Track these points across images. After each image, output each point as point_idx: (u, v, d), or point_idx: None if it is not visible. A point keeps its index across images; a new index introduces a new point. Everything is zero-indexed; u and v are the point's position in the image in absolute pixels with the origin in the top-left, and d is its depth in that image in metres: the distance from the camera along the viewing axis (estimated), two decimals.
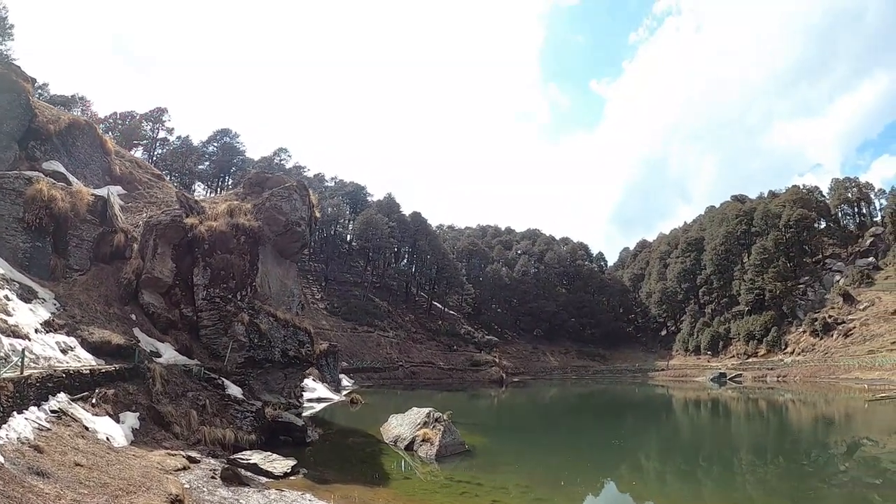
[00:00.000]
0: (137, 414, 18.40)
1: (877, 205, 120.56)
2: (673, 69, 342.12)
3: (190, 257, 27.92)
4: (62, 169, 27.58)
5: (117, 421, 17.27)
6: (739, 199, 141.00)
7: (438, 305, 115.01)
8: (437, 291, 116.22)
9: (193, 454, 17.14)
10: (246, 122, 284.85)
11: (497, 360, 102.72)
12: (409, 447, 24.89)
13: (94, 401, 17.08)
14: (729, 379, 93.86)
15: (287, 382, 31.47)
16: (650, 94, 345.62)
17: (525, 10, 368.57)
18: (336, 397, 47.77)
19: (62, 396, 15.69)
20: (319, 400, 42.80)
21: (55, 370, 16.09)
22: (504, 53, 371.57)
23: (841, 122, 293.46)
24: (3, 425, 12.05)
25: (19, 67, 30.11)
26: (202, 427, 19.78)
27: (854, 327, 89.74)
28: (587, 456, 27.99)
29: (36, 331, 18.45)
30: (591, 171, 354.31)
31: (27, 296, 20.27)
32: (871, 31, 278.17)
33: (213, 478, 15.25)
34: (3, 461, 10.37)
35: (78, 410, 15.86)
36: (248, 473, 16.34)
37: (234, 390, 24.87)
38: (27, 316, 18.83)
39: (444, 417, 26.18)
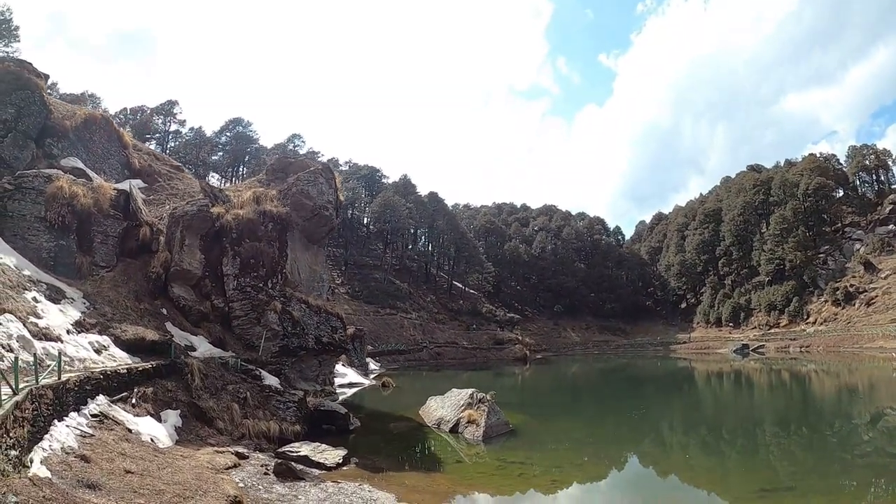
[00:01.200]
0: (179, 411, 17.85)
1: (895, 172, 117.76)
2: (682, 40, 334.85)
3: (218, 247, 27.27)
4: (81, 165, 26.90)
5: (159, 420, 16.72)
6: (756, 168, 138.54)
7: (459, 285, 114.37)
8: (457, 271, 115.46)
9: (240, 450, 16.57)
10: (258, 110, 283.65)
11: (520, 338, 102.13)
12: (454, 429, 24.54)
13: (133, 401, 16.52)
14: (752, 350, 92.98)
15: (321, 369, 30.99)
16: (659, 66, 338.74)
17: None
18: (366, 381, 47.34)
19: (101, 399, 15.12)
20: (350, 385, 42.32)
21: (92, 372, 15.49)
22: (512, 29, 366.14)
23: (855, 89, 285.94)
24: (46, 435, 11.42)
25: (31, 64, 29.26)
26: (245, 420, 19.22)
27: (876, 296, 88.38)
28: (627, 431, 28.07)
29: (68, 332, 17.88)
30: (602, 146, 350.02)
31: (55, 296, 19.70)
32: None
33: (265, 474, 14.67)
34: (49, 475, 9.72)
35: (119, 412, 15.29)
36: (301, 466, 15.75)
37: (271, 380, 24.33)
38: (57, 317, 18.25)
39: (488, 398, 25.75)
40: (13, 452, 9.28)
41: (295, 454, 17.21)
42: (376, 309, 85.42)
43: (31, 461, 9.93)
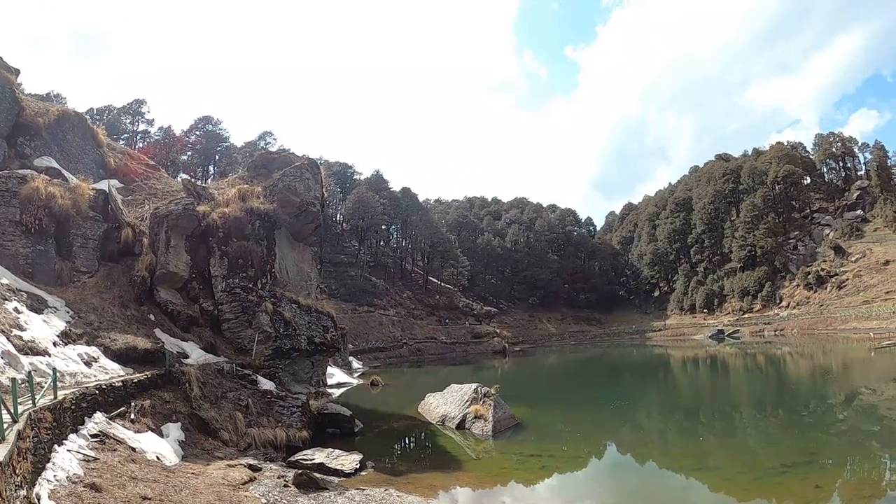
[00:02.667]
0: (180, 424, 16.67)
1: (861, 158, 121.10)
2: (647, 32, 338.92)
3: (204, 247, 25.91)
4: (55, 164, 25.19)
5: (161, 435, 15.54)
6: (724, 157, 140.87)
7: (434, 280, 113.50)
8: (433, 266, 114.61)
9: (251, 461, 15.50)
10: (227, 109, 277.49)
11: (498, 331, 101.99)
12: (461, 426, 23.98)
13: (132, 416, 15.33)
14: (727, 335, 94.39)
15: (314, 371, 29.87)
16: (625, 58, 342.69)
17: None
18: (354, 381, 46.29)
19: (99, 416, 13.92)
20: (339, 385, 41.21)
21: (87, 388, 14.23)
22: (479, 24, 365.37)
23: (818, 79, 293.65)
24: (48, 464, 10.23)
25: (1, 58, 27.21)
26: (250, 429, 18.13)
27: (847, 279, 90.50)
28: (628, 418, 28.59)
29: (54, 344, 16.53)
30: (570, 138, 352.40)
31: (37, 306, 18.27)
32: None
33: (286, 486, 13.66)
34: None
35: (118, 430, 14.11)
36: (318, 475, 14.73)
37: (267, 384, 23.17)
38: (42, 328, 16.87)
39: (492, 392, 25.27)
40: (23, 492, 8.14)
41: (309, 462, 16.21)
42: (354, 307, 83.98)
43: (39, 497, 8.78)
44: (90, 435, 12.87)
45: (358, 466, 16.59)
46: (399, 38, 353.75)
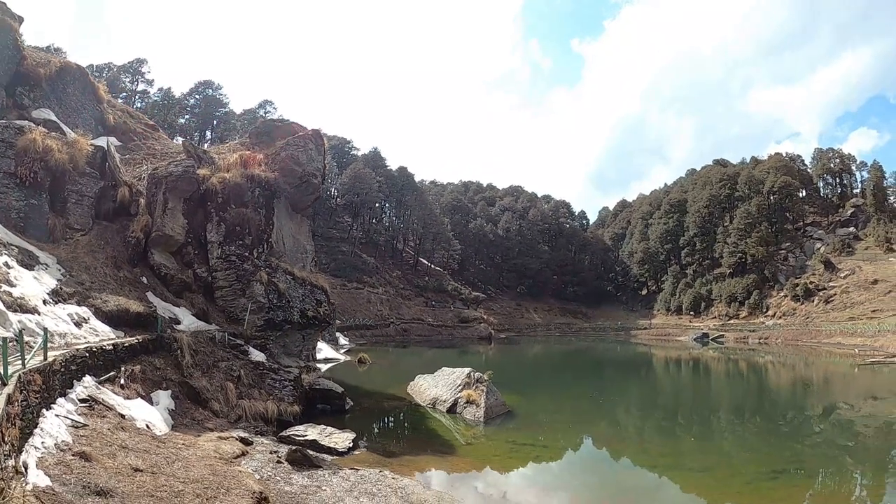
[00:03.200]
0: (170, 392, 16.24)
1: (857, 177, 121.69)
2: (654, 30, 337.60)
3: (202, 212, 25.30)
4: (53, 117, 24.32)
5: (150, 402, 15.10)
6: (721, 163, 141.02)
7: (424, 261, 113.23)
8: (424, 247, 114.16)
9: (242, 434, 15.15)
10: (228, 74, 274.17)
11: (485, 317, 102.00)
12: (452, 410, 23.91)
13: (122, 381, 14.86)
14: (712, 339, 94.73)
15: (305, 344, 29.51)
16: (631, 54, 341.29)
17: None
18: (341, 357, 46.09)
19: (88, 380, 13.45)
20: (326, 360, 40.92)
21: (77, 349, 13.72)
22: (485, 11, 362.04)
23: (822, 93, 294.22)
24: (36, 430, 9.74)
25: (5, 4, 26.07)
26: (241, 401, 17.76)
27: (835, 294, 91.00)
28: (620, 414, 28.79)
29: (44, 302, 15.95)
30: (570, 130, 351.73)
31: (28, 262, 17.65)
32: (855, 5, 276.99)
33: (279, 462, 13.36)
34: (50, 482, 8.15)
35: (108, 395, 13.65)
36: (312, 452, 14.42)
37: (258, 356, 22.78)
38: (32, 285, 16.28)
39: (485, 378, 25.18)
40: (10, 462, 7.69)
41: (302, 438, 15.90)
42: (343, 282, 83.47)
43: (26, 466, 8.32)
44: (79, 399, 12.42)
45: (351, 445, 16.33)
46: (405, 20, 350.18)
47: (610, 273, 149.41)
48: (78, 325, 16.22)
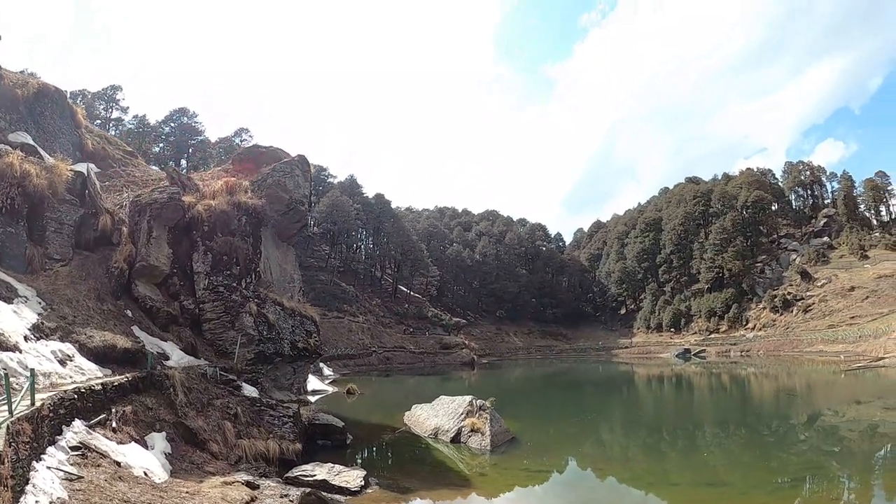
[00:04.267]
0: (164, 434, 14.94)
1: (828, 188, 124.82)
2: (623, 53, 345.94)
3: (187, 241, 24.07)
4: (31, 141, 22.98)
5: (145, 447, 13.81)
6: (694, 180, 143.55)
7: (403, 289, 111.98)
8: (403, 274, 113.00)
9: (246, 477, 13.91)
10: (202, 101, 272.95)
11: (466, 343, 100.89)
12: (456, 439, 22.96)
13: (113, 424, 13.54)
14: (694, 354, 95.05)
15: (296, 377, 28.12)
16: (599, 77, 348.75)
17: None
18: (329, 388, 44.63)
19: (78, 425, 12.17)
20: (314, 392, 39.36)
21: (64, 391, 12.48)
22: (461, 34, 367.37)
23: (788, 108, 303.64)
24: (28, 487, 8.56)
25: None
26: (240, 440, 16.49)
27: (813, 303, 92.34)
28: (622, 435, 28.47)
29: (25, 338, 14.61)
30: (540, 153, 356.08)
31: (6, 294, 16.31)
32: (821, 21, 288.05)
33: None
34: None
35: (100, 440, 12.37)
36: (325, 494, 13.28)
37: (251, 391, 21.49)
38: (12, 320, 14.93)
39: (488, 405, 24.35)
40: None
41: (310, 479, 14.72)
42: (323, 312, 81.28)
43: None
44: (70, 447, 11.15)
45: (363, 483, 15.18)
46: (376, 46, 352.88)
47: (588, 294, 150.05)
48: (62, 363, 14.90)
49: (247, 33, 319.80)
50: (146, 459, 13.03)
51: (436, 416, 25.79)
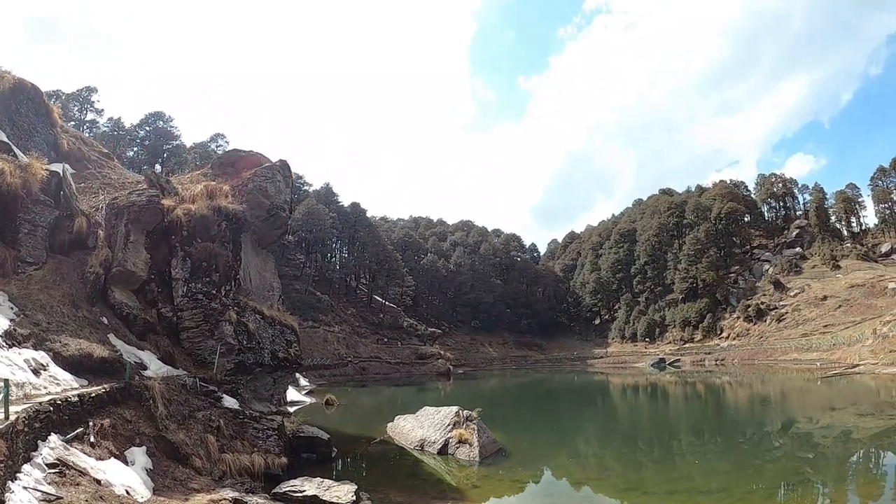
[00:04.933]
0: (144, 448, 14.13)
1: (800, 199, 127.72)
2: (598, 67, 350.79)
3: (166, 246, 23.15)
4: (5, 138, 21.88)
5: (125, 462, 13.03)
6: (667, 192, 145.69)
7: (379, 298, 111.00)
8: (378, 284, 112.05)
9: (233, 494, 13.19)
10: (177, 105, 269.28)
11: (442, 353, 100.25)
12: (443, 451, 22.57)
13: (91, 439, 12.75)
14: (669, 364, 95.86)
15: (276, 388, 27.22)
16: (575, 90, 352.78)
17: (459, 4, 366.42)
18: (307, 399, 43.72)
19: (54, 439, 11.37)
20: (291, 403, 38.37)
21: (41, 403, 11.69)
22: (435, 46, 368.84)
23: (760, 122, 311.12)
24: None
25: None
26: (224, 455, 15.73)
27: (786, 312, 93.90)
28: (595, 441, 28.84)
29: None
30: (515, 165, 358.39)
31: None
32: (792, 37, 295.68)
33: None
34: None
35: (78, 456, 11.59)
36: None
37: (231, 402, 20.64)
38: None
39: (475, 416, 24.00)
40: None
41: (300, 495, 14.09)
42: (299, 321, 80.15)
43: None
44: (47, 464, 10.38)
45: (354, 499, 14.53)
46: (350, 56, 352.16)
47: (562, 304, 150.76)
48: (36, 372, 14.04)
49: (225, 41, 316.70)
50: (127, 476, 12.27)
51: (421, 427, 25.34)
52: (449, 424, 23.75)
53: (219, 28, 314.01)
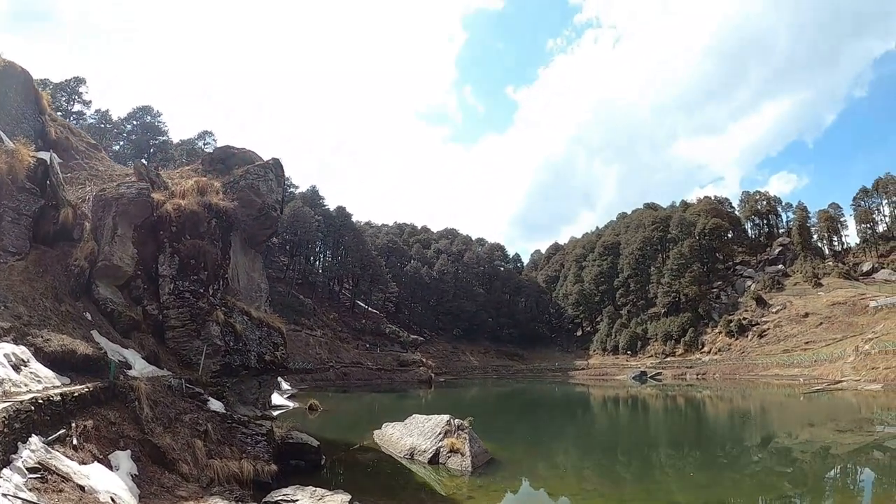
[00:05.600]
0: (129, 452, 13.35)
1: (783, 217, 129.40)
2: (586, 80, 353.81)
3: (153, 242, 22.36)
4: None
5: (110, 467, 12.25)
6: (652, 206, 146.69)
7: (361, 304, 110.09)
8: (361, 289, 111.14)
9: (221, 502, 12.53)
10: (165, 101, 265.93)
11: (424, 361, 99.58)
12: (434, 460, 21.99)
13: (74, 441, 11.93)
14: (650, 377, 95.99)
15: (261, 392, 26.54)
16: (561, 102, 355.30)
17: (450, 12, 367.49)
18: (290, 403, 42.85)
19: (35, 441, 10.53)
20: (274, 407, 37.49)
21: (21, 402, 10.89)
22: (423, 53, 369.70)
23: (744, 140, 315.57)
24: None
25: None
26: (211, 461, 14.97)
27: (768, 328, 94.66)
28: (600, 457, 27.89)
29: None
30: (500, 175, 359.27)
31: None
32: (777, 59, 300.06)
33: None
34: None
35: (60, 460, 10.79)
36: None
37: (216, 405, 19.84)
38: None
39: (466, 424, 23.57)
40: None
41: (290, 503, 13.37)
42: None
43: None
44: (27, 468, 9.61)
45: None
46: (340, 58, 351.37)
47: (544, 315, 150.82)
48: (16, 368, 13.19)
49: (214, 39, 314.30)
50: (112, 482, 11.52)
51: (410, 435, 24.79)
52: (440, 433, 23.18)
53: (218, 28, 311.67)
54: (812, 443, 29.12)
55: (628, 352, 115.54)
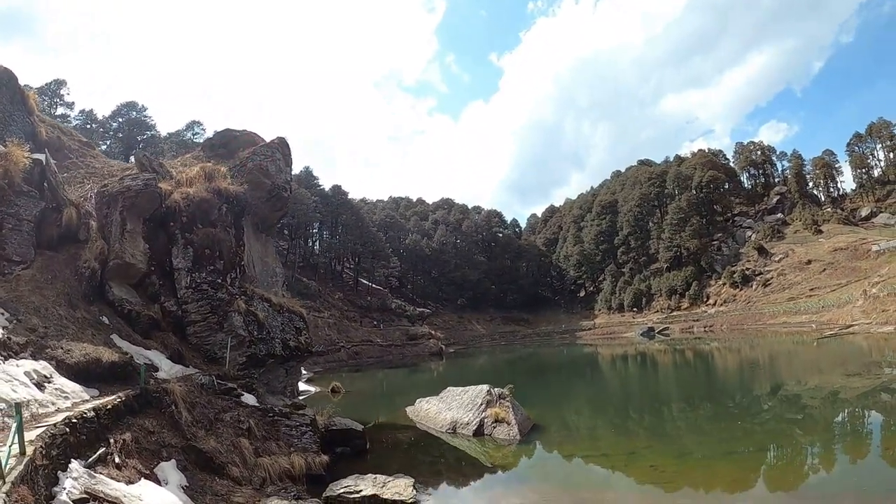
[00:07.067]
0: (174, 462, 12.41)
1: (778, 166, 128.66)
2: (569, 40, 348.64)
3: (164, 234, 21.17)
4: None
5: (157, 482, 11.29)
6: (646, 163, 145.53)
7: (365, 281, 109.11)
8: (363, 266, 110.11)
9: (282, 503, 11.62)
10: (148, 94, 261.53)
11: (433, 333, 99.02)
12: (479, 432, 21.36)
13: (116, 459, 10.93)
14: (658, 332, 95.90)
15: (289, 379, 25.84)
16: (546, 64, 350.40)
17: None
18: (311, 388, 42.16)
19: (76, 467, 9.45)
20: (298, 393, 36.82)
21: (56, 425, 9.78)
22: (404, 24, 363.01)
23: (732, 91, 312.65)
24: None
25: None
26: (260, 459, 14.10)
27: (772, 277, 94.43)
28: (626, 414, 27.78)
29: None
30: (489, 142, 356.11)
31: None
32: (761, 7, 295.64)
33: None
34: None
35: (106, 483, 9.76)
36: None
37: (249, 399, 18.94)
38: None
39: (507, 393, 22.97)
40: None
41: (356, 495, 12.62)
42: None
43: None
44: (73, 501, 8.60)
45: (415, 493, 13.16)
46: (321, 30, 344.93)
47: (546, 278, 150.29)
48: (40, 386, 12.12)
49: (193, 27, 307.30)
50: (165, 499, 10.57)
51: (449, 409, 24.08)
52: (481, 404, 22.54)
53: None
54: (821, 388, 29.21)
55: (634, 309, 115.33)
